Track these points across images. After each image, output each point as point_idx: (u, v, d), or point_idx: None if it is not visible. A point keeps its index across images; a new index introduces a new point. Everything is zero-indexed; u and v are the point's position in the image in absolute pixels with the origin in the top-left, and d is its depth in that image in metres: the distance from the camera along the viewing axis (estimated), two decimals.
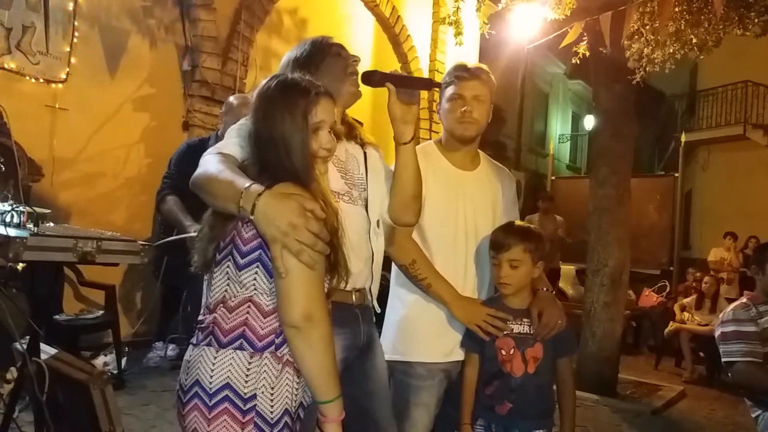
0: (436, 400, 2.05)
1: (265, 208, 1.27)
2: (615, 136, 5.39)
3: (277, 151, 1.38)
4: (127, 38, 5.10)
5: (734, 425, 4.79)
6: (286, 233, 1.25)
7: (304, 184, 1.35)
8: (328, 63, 1.76)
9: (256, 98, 1.44)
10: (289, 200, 1.27)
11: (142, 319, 4.99)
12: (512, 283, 1.99)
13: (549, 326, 1.95)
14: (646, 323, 8.38)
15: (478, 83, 2.09)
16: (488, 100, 2.12)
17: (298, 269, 1.27)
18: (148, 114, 5.25)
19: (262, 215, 1.27)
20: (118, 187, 5.09)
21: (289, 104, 1.41)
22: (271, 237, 1.27)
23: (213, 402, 1.31)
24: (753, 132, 13.23)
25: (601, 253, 5.31)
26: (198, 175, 1.47)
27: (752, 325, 2.85)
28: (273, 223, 1.26)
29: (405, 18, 7.75)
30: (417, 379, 2.03)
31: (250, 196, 1.29)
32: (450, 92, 2.11)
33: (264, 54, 6.11)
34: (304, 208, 1.27)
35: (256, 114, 1.42)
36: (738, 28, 5.48)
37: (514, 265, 1.97)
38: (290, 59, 1.78)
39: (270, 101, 1.42)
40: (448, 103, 2.11)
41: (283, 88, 1.44)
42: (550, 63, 17.98)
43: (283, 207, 1.27)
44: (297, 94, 1.43)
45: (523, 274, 1.99)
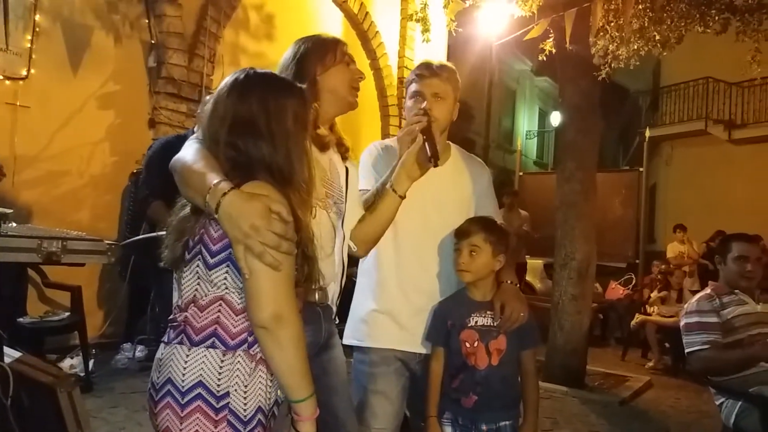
0: (396, 391, 2.06)
1: (229, 208, 1.26)
2: (581, 131, 5.47)
3: (277, 147, 1.36)
4: (91, 34, 5.01)
5: (699, 413, 4.91)
6: (247, 235, 1.24)
7: (286, 182, 1.34)
8: (338, 70, 1.83)
9: (244, 93, 1.39)
10: (253, 201, 1.26)
11: (109, 320, 4.92)
12: (471, 271, 2.00)
13: (512, 318, 1.97)
14: (613, 315, 8.53)
15: (438, 81, 2.11)
16: (450, 97, 2.13)
17: (264, 270, 1.26)
18: (112, 111, 5.16)
19: (226, 215, 1.26)
20: (82, 186, 4.99)
21: (295, 97, 1.42)
22: (233, 238, 1.27)
23: (185, 400, 1.30)
24: (714, 127, 13.56)
25: (568, 247, 5.39)
26: (177, 159, 1.46)
27: (715, 316, 2.92)
28: (235, 224, 1.25)
29: (373, 14, 7.75)
30: (371, 365, 2.06)
31: (216, 193, 1.28)
32: (411, 90, 2.15)
33: (231, 50, 6.06)
34: (269, 209, 1.26)
35: (251, 109, 1.37)
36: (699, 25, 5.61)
37: (473, 252, 1.99)
38: (300, 52, 1.81)
39: (274, 95, 1.40)
40: (410, 101, 2.16)
41: (283, 82, 1.46)
42: (517, 60, 18.17)
43: (246, 207, 1.26)
44: (297, 89, 1.46)
45: (482, 263, 2.00)
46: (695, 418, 4.82)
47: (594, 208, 5.52)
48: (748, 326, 2.87)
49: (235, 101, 1.39)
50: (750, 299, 2.97)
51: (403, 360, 2.08)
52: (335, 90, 1.82)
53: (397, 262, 2.10)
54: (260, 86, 1.41)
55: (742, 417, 2.77)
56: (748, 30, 5.61)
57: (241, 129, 1.36)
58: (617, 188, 9.40)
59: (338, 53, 1.84)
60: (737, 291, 2.99)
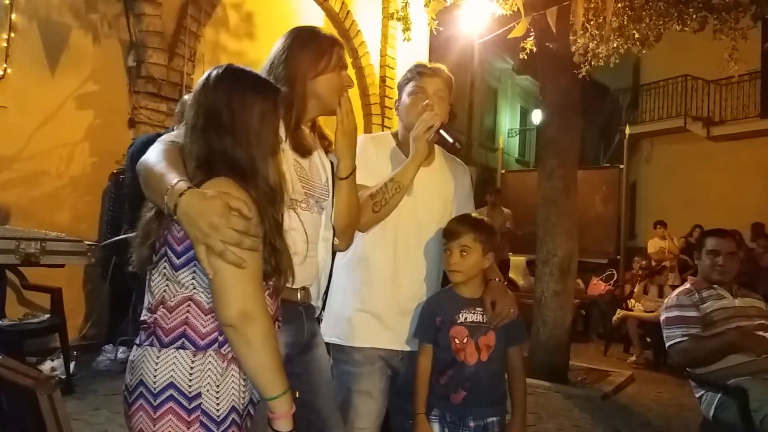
0: (379, 389, 2.06)
1: (187, 208, 1.24)
2: (562, 129, 5.51)
3: (238, 142, 1.35)
4: (69, 33, 4.95)
5: (680, 406, 4.98)
6: (207, 234, 1.23)
7: (249, 178, 1.33)
8: (329, 77, 1.79)
9: (216, 86, 1.39)
10: (211, 199, 1.24)
11: (90, 321, 4.87)
12: (462, 271, 2.02)
13: (502, 315, 1.99)
14: (595, 311, 8.62)
15: (440, 80, 2.13)
16: (447, 99, 2.15)
17: (227, 268, 1.25)
18: (92, 111, 5.11)
19: (184, 215, 1.25)
20: (62, 187, 4.93)
21: (264, 95, 1.41)
22: (194, 238, 1.25)
23: (158, 402, 1.29)
24: (693, 124, 13.73)
25: (550, 243, 5.44)
26: (140, 162, 1.44)
27: (694, 310, 2.97)
28: (194, 224, 1.24)
29: (355, 13, 7.74)
30: (354, 365, 2.05)
31: (174, 194, 1.26)
32: (411, 87, 2.14)
33: (212, 49, 6.01)
34: (228, 206, 1.24)
35: (217, 102, 1.37)
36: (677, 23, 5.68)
37: (464, 253, 2.01)
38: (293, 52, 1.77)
39: (239, 90, 1.39)
40: (410, 98, 2.13)
41: (255, 79, 1.44)
42: (499, 59, 18.24)
43: (204, 206, 1.24)
44: (268, 86, 1.45)
45: (473, 262, 2.03)
46: (676, 411, 4.88)
47: (575, 205, 5.56)
48: (726, 320, 2.92)
49: (205, 94, 1.39)
50: (728, 293, 3.03)
51: (386, 358, 2.08)
52: (322, 96, 1.80)
53: (390, 260, 2.09)
54: (230, 81, 1.40)
55: (721, 409, 2.81)
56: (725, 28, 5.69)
57: (207, 121, 1.37)
58: (598, 185, 9.48)
59: (333, 59, 1.80)
60: (715, 285, 3.05)
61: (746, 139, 12.78)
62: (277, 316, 1.47)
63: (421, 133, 1.99)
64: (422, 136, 1.99)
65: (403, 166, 2.00)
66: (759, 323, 2.93)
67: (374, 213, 1.97)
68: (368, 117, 8.17)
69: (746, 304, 3.03)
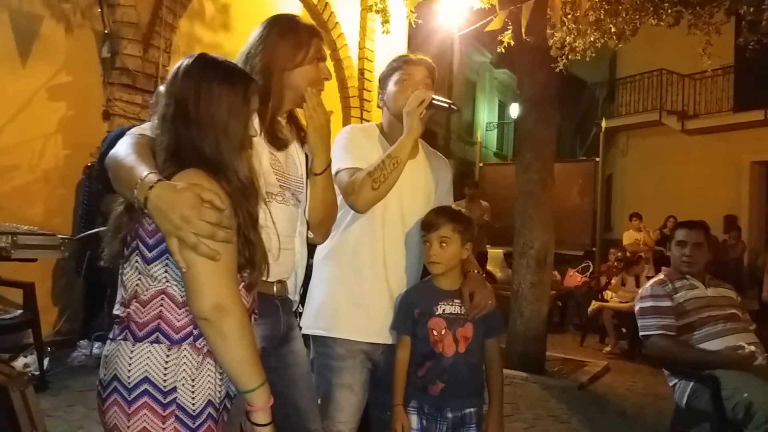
0: (360, 383, 2.06)
1: (158, 201, 1.22)
2: (539, 122, 5.55)
3: (205, 135, 1.33)
4: (40, 23, 4.85)
5: (654, 395, 5.06)
6: (178, 227, 1.21)
7: (219, 171, 1.31)
8: (306, 70, 1.77)
9: (184, 76, 1.37)
10: (182, 192, 1.22)
11: (64, 317, 4.80)
12: (441, 262, 2.03)
13: (480, 306, 1.99)
14: (571, 302, 8.71)
15: (425, 69, 2.14)
16: (432, 88, 2.15)
17: (200, 261, 1.24)
18: (65, 103, 5.02)
19: (155, 208, 1.23)
20: (34, 181, 4.85)
21: (232, 87, 1.37)
22: (165, 231, 1.23)
23: (132, 396, 1.28)
24: (668, 118, 13.91)
25: (527, 235, 5.48)
26: (109, 156, 1.41)
27: (668, 300, 3.03)
28: (165, 217, 1.22)
29: (333, 5, 7.69)
30: (337, 359, 2.04)
31: (144, 187, 1.24)
32: (399, 75, 2.14)
33: (187, 41, 5.94)
34: (200, 198, 1.22)
35: (184, 92, 1.35)
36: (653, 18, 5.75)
37: (443, 244, 2.02)
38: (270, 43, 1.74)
39: (206, 80, 1.36)
40: (397, 86, 2.13)
41: (224, 70, 1.41)
42: (477, 52, 18.30)
43: (175, 199, 1.22)
44: (238, 78, 1.41)
45: (452, 253, 2.03)
46: (650, 400, 4.96)
47: (552, 197, 5.61)
48: (698, 309, 2.98)
49: (174, 84, 1.37)
50: (700, 284, 3.09)
51: (367, 352, 2.08)
52: (299, 88, 1.78)
53: (379, 252, 2.08)
54: (199, 71, 1.38)
55: (694, 397, 2.87)
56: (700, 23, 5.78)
57: (176, 112, 1.35)
58: (574, 178, 9.56)
59: (311, 51, 1.78)
60: (688, 276, 3.10)
61: (719, 132, 12.99)
62: (252, 309, 1.46)
63: (414, 108, 1.99)
64: (416, 111, 1.99)
65: (399, 142, 1.99)
66: (730, 312, 3.00)
67: (374, 190, 1.95)
68: (347, 110, 8.14)
69: (718, 294, 3.09)
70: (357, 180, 1.95)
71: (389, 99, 2.16)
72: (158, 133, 1.37)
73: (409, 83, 2.10)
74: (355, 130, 2.20)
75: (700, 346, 2.91)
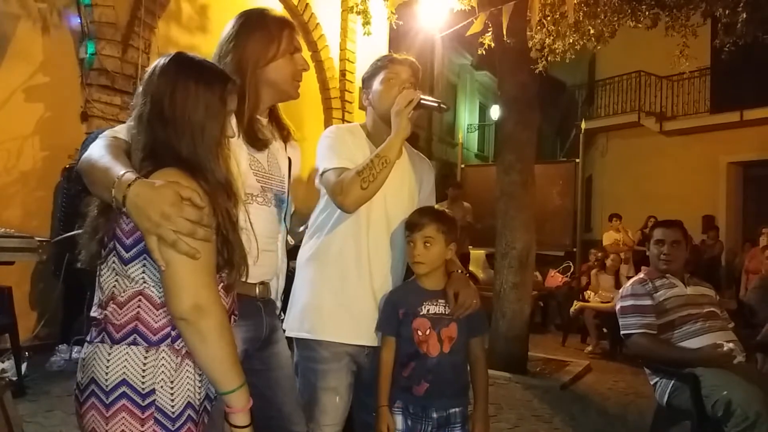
0: (345, 385, 2.04)
1: (136, 198, 1.20)
2: (519, 124, 5.58)
3: (181, 135, 1.32)
4: (16, 23, 4.78)
5: (635, 394, 5.11)
6: (158, 224, 1.19)
7: (196, 171, 1.30)
8: (281, 63, 1.75)
9: (160, 75, 1.35)
10: (162, 189, 1.21)
11: (43, 321, 4.73)
12: (426, 262, 2.03)
13: (465, 306, 2.00)
14: (552, 303, 8.78)
15: (410, 69, 2.14)
16: (416, 87, 2.15)
17: (179, 259, 1.22)
18: (42, 104, 4.95)
19: (133, 206, 1.21)
20: (11, 183, 4.77)
21: (208, 86, 1.36)
22: (144, 229, 1.21)
23: (110, 399, 1.26)
24: (646, 119, 14.09)
25: (509, 236, 5.51)
26: (82, 159, 1.39)
27: (648, 299, 3.06)
28: (144, 214, 1.20)
29: (313, 6, 7.68)
30: (322, 362, 2.02)
31: (122, 185, 1.22)
32: (384, 75, 2.12)
33: (166, 41, 5.89)
34: (179, 196, 1.21)
35: (160, 92, 1.33)
36: (631, 20, 5.83)
37: (427, 244, 2.02)
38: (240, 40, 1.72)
39: (182, 80, 1.34)
40: (383, 85, 2.12)
41: (201, 69, 1.39)
42: (458, 54, 18.35)
43: (154, 196, 1.20)
44: (215, 78, 1.39)
45: (436, 253, 2.04)
46: (632, 399, 5.01)
47: (533, 198, 5.64)
48: (678, 308, 3.02)
49: (150, 83, 1.36)
50: (680, 282, 3.12)
51: (352, 354, 2.06)
52: (276, 83, 1.76)
53: (364, 253, 2.06)
54: (175, 70, 1.36)
55: (674, 395, 2.90)
56: (677, 25, 5.86)
57: (152, 111, 1.33)
58: (555, 179, 9.63)
59: (283, 43, 1.75)
60: (668, 275, 3.14)
61: (697, 134, 13.18)
62: (232, 310, 1.45)
63: (403, 108, 1.98)
64: (404, 111, 1.97)
65: (388, 141, 1.97)
66: (709, 311, 3.03)
67: (363, 190, 1.91)
68: (328, 111, 8.13)
69: (697, 293, 3.13)
70: (345, 179, 1.93)
71: (375, 98, 2.15)
72: (134, 132, 1.36)
73: (396, 82, 2.10)
74: (340, 130, 2.18)
75: (680, 345, 2.94)
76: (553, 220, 9.23)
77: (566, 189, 9.57)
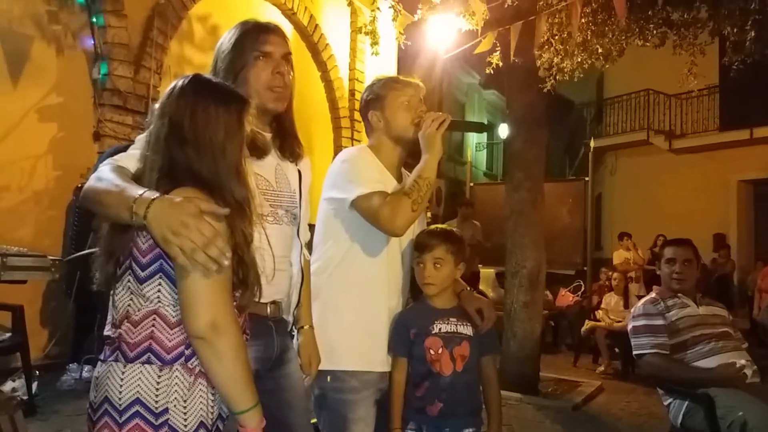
0: (372, 415, 2.02)
1: (158, 211, 1.23)
2: (528, 142, 5.59)
3: (203, 156, 1.33)
4: (31, 44, 4.85)
5: (648, 415, 5.04)
6: (177, 232, 1.20)
7: (214, 191, 1.31)
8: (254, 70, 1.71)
9: (179, 96, 1.37)
10: (183, 202, 1.23)
11: (54, 340, 4.74)
12: (436, 283, 2.03)
13: (492, 319, 2.04)
14: (563, 322, 8.70)
15: (421, 91, 2.17)
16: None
17: (197, 277, 1.23)
18: (55, 124, 5.01)
19: (154, 218, 1.23)
20: (23, 202, 4.81)
21: (227, 108, 1.37)
22: (163, 238, 1.22)
23: (123, 419, 1.26)
24: (655, 137, 14.06)
25: (519, 255, 5.48)
26: (88, 186, 1.40)
27: (660, 319, 3.03)
28: (164, 223, 1.21)
29: (323, 27, 7.76)
30: (352, 393, 1.99)
31: (144, 202, 1.24)
32: (398, 98, 2.12)
33: (178, 61, 5.96)
34: (199, 208, 1.23)
35: (179, 113, 1.35)
36: (639, 38, 5.83)
37: (437, 265, 2.02)
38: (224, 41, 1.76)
39: (202, 101, 1.36)
40: (400, 108, 2.11)
41: (219, 91, 1.41)
42: (465, 73, 18.44)
43: (176, 206, 1.23)
44: (233, 99, 1.41)
45: (446, 274, 2.04)
46: (645, 420, 4.94)
47: (542, 216, 5.63)
48: (690, 328, 2.99)
49: (169, 105, 1.37)
50: (692, 302, 3.09)
51: (378, 380, 2.05)
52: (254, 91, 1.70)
53: (385, 276, 2.05)
54: (194, 92, 1.38)
55: (688, 416, 2.86)
56: (685, 44, 5.86)
57: (170, 133, 1.34)
58: (564, 197, 9.61)
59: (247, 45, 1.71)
60: (680, 294, 3.11)
61: (706, 152, 13.14)
62: (244, 329, 1.45)
63: (435, 130, 2.00)
64: (438, 133, 2.00)
65: (427, 163, 1.99)
66: (722, 330, 3.00)
67: (413, 212, 1.93)
68: (338, 130, 8.17)
69: (710, 312, 3.09)
70: (394, 203, 1.92)
71: (390, 121, 2.12)
72: (149, 153, 1.37)
73: (413, 104, 2.11)
74: (361, 152, 2.13)
75: (693, 365, 2.91)
76: (563, 238, 9.19)
77: (576, 207, 9.54)
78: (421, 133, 2.02)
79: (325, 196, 2.07)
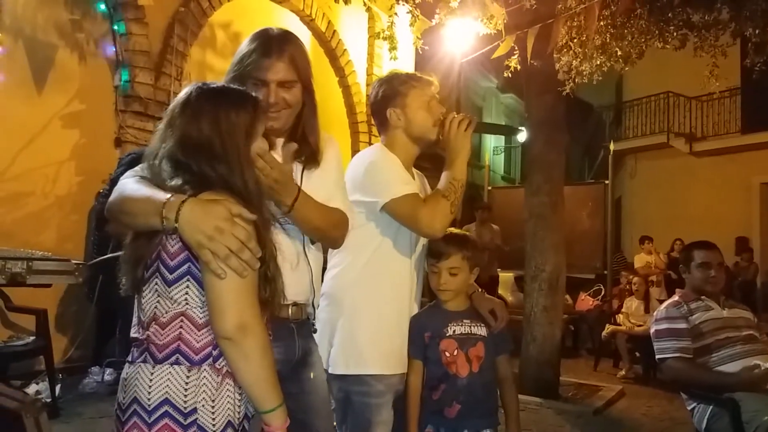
0: (392, 416, 2.02)
1: (190, 215, 1.24)
2: (547, 145, 5.55)
3: (233, 168, 1.34)
4: (55, 52, 4.94)
5: (671, 420, 4.97)
6: (211, 237, 1.22)
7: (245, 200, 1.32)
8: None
9: (196, 104, 1.38)
10: (214, 205, 1.25)
11: (76, 343, 4.80)
12: (452, 289, 2.04)
13: (505, 319, 2.05)
14: (583, 326, 8.62)
15: (437, 89, 2.16)
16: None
17: (226, 279, 1.25)
18: (78, 130, 5.09)
19: (186, 222, 1.24)
20: (47, 207, 4.89)
21: (248, 116, 1.39)
22: (197, 243, 1.24)
23: (152, 419, 1.28)
24: (675, 140, 13.90)
25: (538, 258, 5.45)
26: (114, 198, 1.41)
27: (683, 322, 2.98)
28: (198, 228, 1.23)
29: (341, 32, 7.80)
30: (378, 396, 1.98)
31: (173, 205, 1.25)
32: (419, 97, 2.10)
33: (199, 68, 6.02)
34: (230, 212, 1.24)
35: (204, 127, 1.35)
36: (659, 41, 5.79)
37: (453, 273, 2.02)
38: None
39: (227, 111, 1.37)
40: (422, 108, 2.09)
41: (239, 99, 1.42)
42: (483, 77, 18.39)
43: (208, 211, 1.24)
44: (251, 108, 1.42)
45: (462, 280, 2.04)
46: (668, 426, 4.87)
47: (562, 220, 5.59)
48: (715, 331, 2.94)
49: (188, 121, 1.37)
50: (716, 305, 3.05)
51: (400, 382, 2.05)
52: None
53: (407, 280, 2.06)
54: (211, 104, 1.38)
55: (713, 421, 2.81)
56: (705, 45, 5.80)
57: (194, 150, 1.34)
58: (584, 201, 9.53)
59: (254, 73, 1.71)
60: (703, 297, 3.06)
61: (728, 154, 12.97)
62: None
63: (463, 131, 2.01)
64: (466, 134, 2.01)
65: (458, 166, 2.02)
66: (747, 333, 2.95)
67: (451, 214, 1.96)
68: (356, 135, 8.20)
69: (734, 315, 3.04)
70: (433, 205, 1.93)
71: (412, 120, 2.09)
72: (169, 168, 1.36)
73: (433, 105, 2.10)
74: (383, 153, 2.10)
75: (718, 369, 2.86)
76: (583, 242, 9.10)
77: (596, 211, 9.45)
78: (447, 135, 2.02)
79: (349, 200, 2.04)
